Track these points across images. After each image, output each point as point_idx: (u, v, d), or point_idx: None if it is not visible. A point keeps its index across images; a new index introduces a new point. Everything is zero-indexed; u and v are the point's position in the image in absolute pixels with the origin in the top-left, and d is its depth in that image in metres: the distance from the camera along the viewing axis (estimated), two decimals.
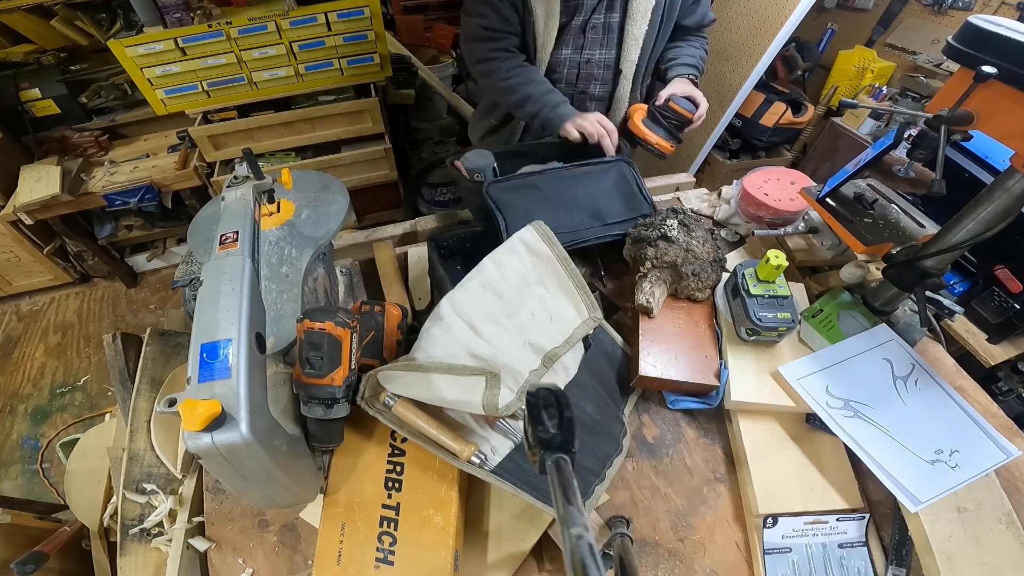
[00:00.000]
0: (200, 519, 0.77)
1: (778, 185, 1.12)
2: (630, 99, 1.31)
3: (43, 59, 2.14)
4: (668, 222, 0.92)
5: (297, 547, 0.73)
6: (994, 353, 1.25)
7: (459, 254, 1.02)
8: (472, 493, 0.74)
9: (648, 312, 0.88)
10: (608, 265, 1.10)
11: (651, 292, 0.88)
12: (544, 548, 0.72)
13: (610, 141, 1.15)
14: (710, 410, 0.85)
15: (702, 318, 0.90)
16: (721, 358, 0.85)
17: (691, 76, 1.25)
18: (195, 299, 0.56)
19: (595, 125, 1.15)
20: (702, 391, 0.83)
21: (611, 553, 0.62)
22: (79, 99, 2.22)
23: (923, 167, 0.79)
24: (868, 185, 0.95)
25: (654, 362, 0.82)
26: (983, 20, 0.62)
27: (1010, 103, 0.60)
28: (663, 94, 1.19)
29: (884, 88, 2.32)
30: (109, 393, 2.15)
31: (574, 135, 1.15)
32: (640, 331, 0.86)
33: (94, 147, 2.29)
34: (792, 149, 2.64)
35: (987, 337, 1.27)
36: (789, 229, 1.11)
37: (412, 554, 0.63)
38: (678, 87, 1.21)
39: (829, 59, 2.62)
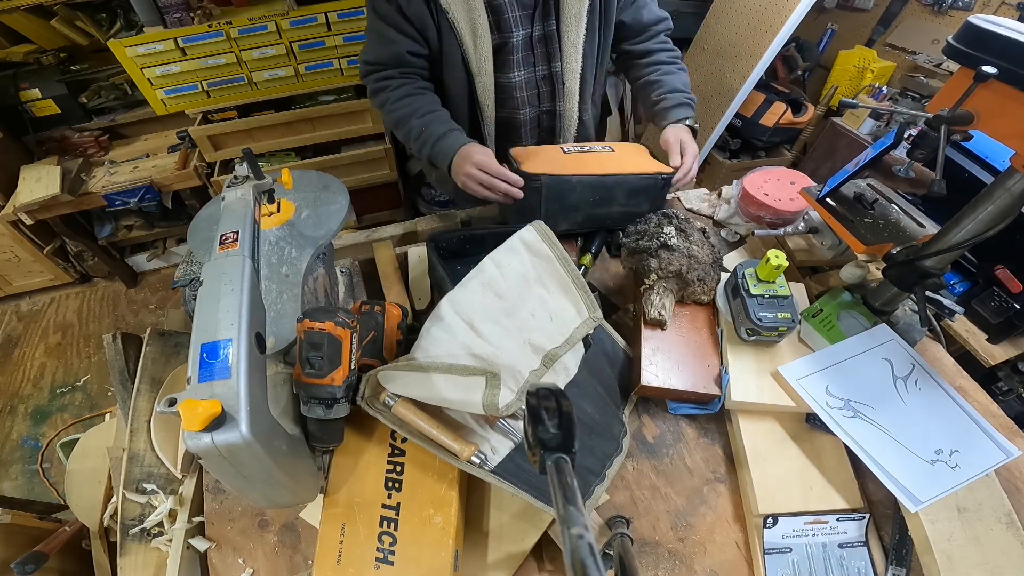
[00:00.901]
0: (200, 519, 0.77)
1: (778, 185, 1.12)
2: (580, 112, 1.22)
3: (43, 59, 2.14)
4: (666, 230, 0.91)
5: (297, 547, 0.73)
6: (994, 353, 1.26)
7: (459, 254, 1.02)
8: (472, 493, 0.74)
9: (661, 325, 0.86)
10: (607, 265, 1.10)
11: (661, 305, 0.86)
12: (544, 548, 0.72)
13: (508, 188, 1.00)
14: None
15: (704, 324, 0.90)
16: (722, 363, 0.85)
17: (686, 120, 1.13)
18: (195, 299, 0.56)
19: (477, 187, 1.01)
20: (704, 400, 0.83)
21: (611, 553, 0.62)
22: (79, 99, 2.22)
23: (923, 167, 0.79)
24: (868, 185, 0.95)
25: (656, 372, 0.82)
26: (983, 20, 0.62)
27: (1010, 103, 0.60)
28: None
29: (884, 88, 2.32)
30: (109, 393, 2.15)
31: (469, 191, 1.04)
32: (642, 339, 0.86)
33: (94, 147, 2.29)
34: (792, 149, 2.64)
35: (987, 337, 1.27)
36: (789, 229, 1.11)
37: (412, 554, 0.63)
38: (675, 141, 1.10)
39: (829, 59, 2.62)
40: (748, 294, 0.83)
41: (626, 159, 1.12)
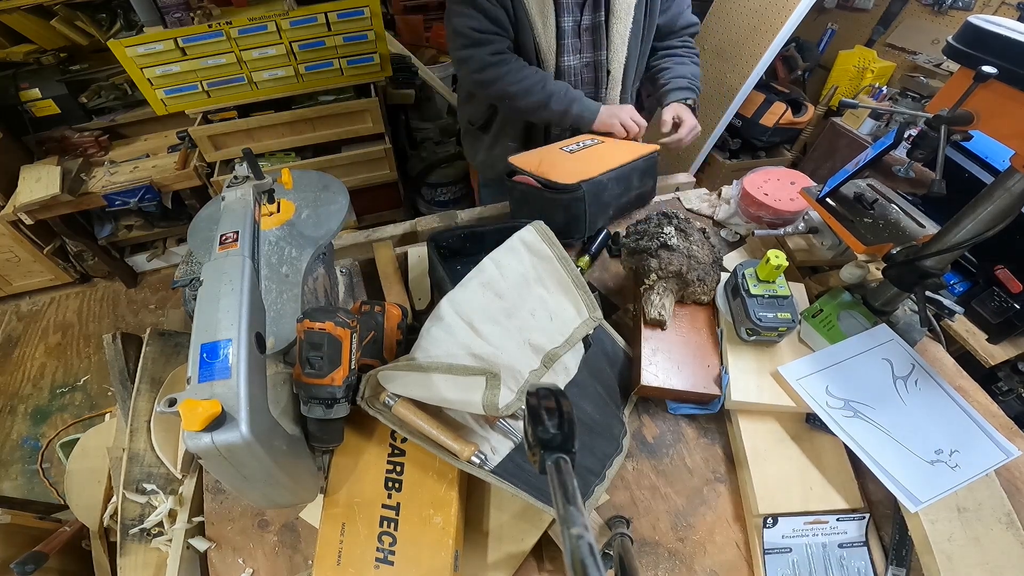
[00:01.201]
0: (200, 519, 0.77)
1: (778, 185, 1.12)
2: (621, 101, 1.30)
3: (43, 59, 2.14)
4: (666, 230, 0.91)
5: (297, 547, 0.73)
6: (994, 353, 1.25)
7: (459, 253, 1.02)
8: (472, 493, 0.74)
9: (661, 325, 0.86)
10: (607, 265, 1.10)
11: (661, 305, 0.86)
12: (544, 548, 0.72)
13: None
14: None
15: (704, 324, 0.90)
16: (722, 363, 0.85)
17: (686, 101, 1.25)
18: (195, 299, 0.56)
19: (630, 124, 1.20)
20: (704, 400, 0.83)
21: (611, 553, 0.62)
22: (79, 99, 2.22)
23: (923, 167, 0.79)
24: (868, 185, 0.95)
25: (656, 372, 0.82)
26: (983, 20, 0.62)
27: (1010, 103, 0.60)
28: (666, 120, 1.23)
29: (884, 88, 2.32)
30: (109, 393, 2.15)
31: (611, 130, 1.21)
32: (642, 339, 0.85)
33: (94, 147, 2.29)
34: (792, 149, 2.64)
35: (987, 337, 1.27)
36: (789, 229, 1.11)
37: (412, 554, 0.63)
38: (669, 113, 1.24)
39: (829, 59, 2.62)
40: (748, 294, 0.83)
41: (620, 146, 1.18)
